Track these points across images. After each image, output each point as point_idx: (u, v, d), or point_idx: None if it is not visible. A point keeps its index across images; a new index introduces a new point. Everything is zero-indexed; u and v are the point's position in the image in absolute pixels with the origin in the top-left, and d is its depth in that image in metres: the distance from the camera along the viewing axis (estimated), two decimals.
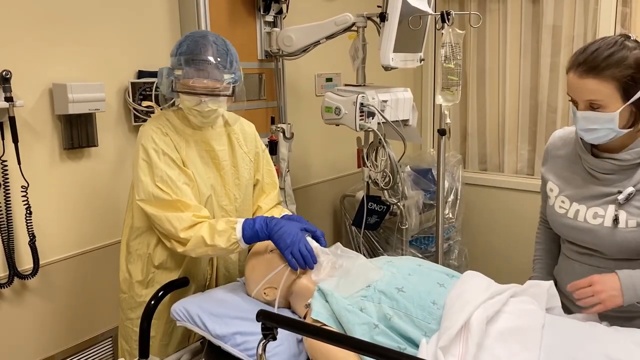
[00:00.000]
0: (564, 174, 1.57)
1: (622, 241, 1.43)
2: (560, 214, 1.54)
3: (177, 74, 1.61)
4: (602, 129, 1.38)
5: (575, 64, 1.40)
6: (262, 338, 1.12)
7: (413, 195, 2.88)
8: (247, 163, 1.84)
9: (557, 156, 1.61)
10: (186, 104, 1.64)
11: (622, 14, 3.01)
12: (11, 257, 1.87)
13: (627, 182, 1.43)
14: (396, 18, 2.16)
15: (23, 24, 1.86)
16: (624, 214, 1.42)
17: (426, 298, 1.35)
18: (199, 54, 1.60)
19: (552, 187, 1.59)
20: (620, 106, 1.34)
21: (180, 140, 1.69)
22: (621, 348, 1.25)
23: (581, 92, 1.38)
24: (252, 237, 1.60)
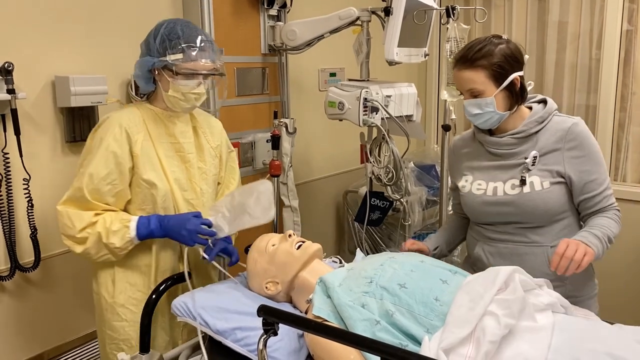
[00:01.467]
0: (473, 165, 1.77)
1: (542, 203, 1.62)
2: (479, 194, 1.71)
3: (175, 59, 1.60)
4: (484, 113, 1.62)
5: (455, 62, 1.66)
6: (263, 333, 1.12)
7: (416, 192, 2.86)
8: (213, 157, 1.84)
9: (462, 154, 1.82)
10: (183, 89, 1.64)
11: (629, 10, 2.99)
12: (13, 250, 1.87)
13: (529, 150, 1.64)
14: (401, 12, 2.14)
15: (26, 16, 1.85)
16: (537, 178, 1.63)
17: (428, 294, 1.34)
18: (196, 36, 1.64)
19: (466, 178, 1.77)
20: (494, 91, 1.60)
21: (140, 134, 1.66)
22: (625, 346, 1.24)
23: (462, 83, 1.64)
24: (147, 236, 1.63)
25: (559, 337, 1.26)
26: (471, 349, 1.20)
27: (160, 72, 1.65)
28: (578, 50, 3.15)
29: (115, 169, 1.62)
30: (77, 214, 1.61)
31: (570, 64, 3.20)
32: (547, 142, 1.64)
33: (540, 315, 1.31)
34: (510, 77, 1.60)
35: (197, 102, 1.69)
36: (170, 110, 1.72)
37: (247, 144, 2.56)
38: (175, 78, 1.62)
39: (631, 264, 3.01)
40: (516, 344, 1.23)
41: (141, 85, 1.71)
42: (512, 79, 1.60)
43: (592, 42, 3.11)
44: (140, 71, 1.67)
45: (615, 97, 3.07)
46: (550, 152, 1.63)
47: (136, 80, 1.70)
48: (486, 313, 1.25)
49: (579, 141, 1.62)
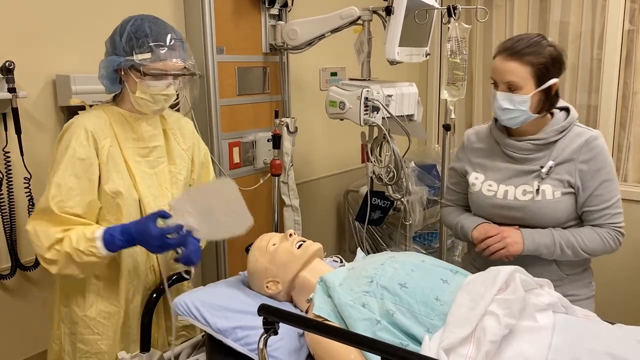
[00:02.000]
0: (485, 163, 1.76)
1: (551, 211, 1.63)
2: (489, 195, 1.71)
3: (142, 58, 1.50)
4: (515, 110, 1.60)
5: (502, 50, 1.63)
6: (263, 332, 1.12)
7: (417, 191, 2.86)
8: (185, 160, 1.75)
9: (475, 149, 1.80)
10: (152, 90, 1.54)
11: (630, 10, 2.98)
12: (14, 249, 1.87)
13: (546, 159, 1.64)
14: (402, 12, 2.14)
15: (27, 14, 1.85)
16: (549, 187, 1.63)
17: (429, 294, 1.34)
18: (165, 34, 1.54)
19: (476, 176, 1.76)
20: (532, 90, 1.58)
21: (106, 140, 1.56)
22: (625, 346, 1.24)
23: (503, 73, 1.60)
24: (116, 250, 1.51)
25: (560, 337, 1.26)
26: (472, 349, 1.20)
27: (127, 72, 1.54)
28: (579, 50, 3.15)
29: (84, 177, 1.51)
30: (44, 232, 1.48)
31: (571, 64, 3.19)
32: (563, 152, 1.64)
33: (541, 315, 1.31)
34: (551, 81, 1.59)
35: (166, 103, 1.60)
36: (138, 112, 1.62)
37: (248, 143, 2.56)
38: (143, 79, 1.53)
39: (631, 264, 3.00)
40: (516, 343, 1.23)
41: (106, 86, 1.60)
42: (552, 84, 1.60)
43: (594, 42, 3.11)
44: (105, 71, 1.56)
45: (617, 97, 3.07)
46: (565, 162, 1.63)
47: (100, 80, 1.59)
48: (487, 313, 1.25)
49: (593, 155, 1.62)
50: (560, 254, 1.63)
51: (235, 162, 2.50)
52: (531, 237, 1.63)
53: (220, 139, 2.40)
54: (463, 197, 1.87)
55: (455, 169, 1.87)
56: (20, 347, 1.97)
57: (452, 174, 1.90)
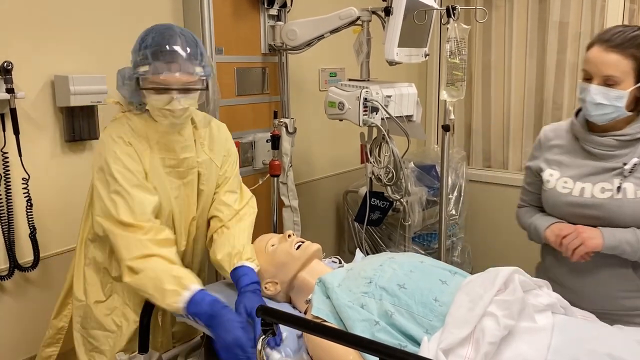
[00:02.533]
0: (562, 160, 1.65)
1: (632, 211, 1.52)
2: (565, 193, 1.61)
3: (143, 71, 1.46)
4: (610, 106, 1.49)
5: (601, 40, 1.50)
6: (261, 333, 1.12)
7: (416, 192, 2.86)
8: (213, 172, 1.71)
9: (552, 146, 1.70)
10: (155, 104, 1.49)
11: (629, 11, 2.98)
12: (12, 250, 1.87)
13: (630, 155, 1.54)
14: (401, 12, 2.14)
15: (25, 15, 1.85)
16: (631, 185, 1.52)
17: (428, 295, 1.34)
18: (167, 45, 1.47)
19: (551, 172, 1.66)
20: (632, 86, 1.47)
21: (145, 148, 1.56)
22: (624, 347, 1.24)
23: (601, 66, 1.48)
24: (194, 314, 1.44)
25: (559, 337, 1.25)
26: (470, 350, 1.20)
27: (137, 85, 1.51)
28: (579, 51, 3.14)
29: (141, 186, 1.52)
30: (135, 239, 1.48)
31: (570, 65, 3.19)
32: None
33: (540, 316, 1.31)
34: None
35: (177, 119, 1.53)
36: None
37: (247, 143, 2.55)
38: (147, 94, 1.49)
39: None
40: (515, 344, 1.22)
41: (127, 96, 1.55)
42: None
43: None
44: (119, 81, 1.55)
45: None
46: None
47: (119, 91, 1.56)
48: (485, 314, 1.24)
49: None
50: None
51: None
52: (611, 233, 1.52)
53: None
54: (538, 197, 1.76)
55: (530, 167, 1.76)
56: (18, 348, 1.96)
57: (527, 173, 1.79)
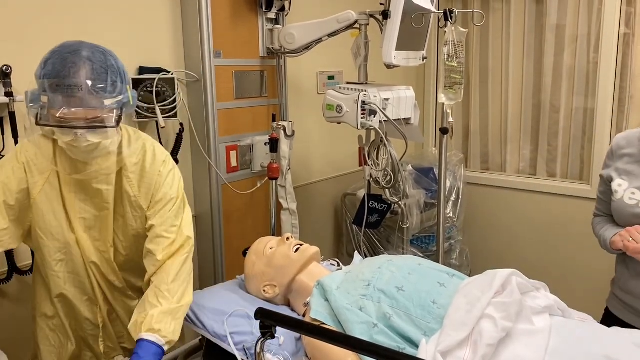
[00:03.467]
0: (632, 169, 1.65)
1: None
2: (631, 205, 1.60)
3: (43, 102, 1.26)
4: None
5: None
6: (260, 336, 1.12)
7: (414, 194, 2.87)
8: (136, 209, 1.50)
9: (623, 155, 1.69)
10: (61, 137, 1.30)
11: (626, 14, 3.00)
12: (10, 253, 1.86)
13: None
14: (399, 16, 2.15)
15: (23, 18, 1.85)
16: None
17: (426, 297, 1.34)
18: (66, 76, 1.25)
19: (620, 182, 1.66)
20: None
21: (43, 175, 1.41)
22: (621, 349, 1.24)
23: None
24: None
25: (556, 339, 1.26)
26: (468, 352, 1.20)
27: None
28: (576, 54, 3.16)
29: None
30: None
31: (568, 67, 3.20)
32: None
33: (538, 318, 1.31)
34: None
35: (89, 154, 1.34)
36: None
37: (245, 146, 2.56)
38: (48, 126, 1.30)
39: None
40: (513, 346, 1.23)
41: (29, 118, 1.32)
42: None
43: (590, 45, 3.12)
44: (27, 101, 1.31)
45: (613, 100, 3.07)
46: None
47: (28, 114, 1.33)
48: (483, 316, 1.25)
49: None
50: None
51: (232, 166, 2.50)
52: None
53: (217, 142, 2.40)
54: (610, 206, 1.73)
55: (603, 176, 1.75)
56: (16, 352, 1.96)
57: (600, 182, 1.78)
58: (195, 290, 1.71)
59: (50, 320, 1.60)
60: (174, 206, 1.50)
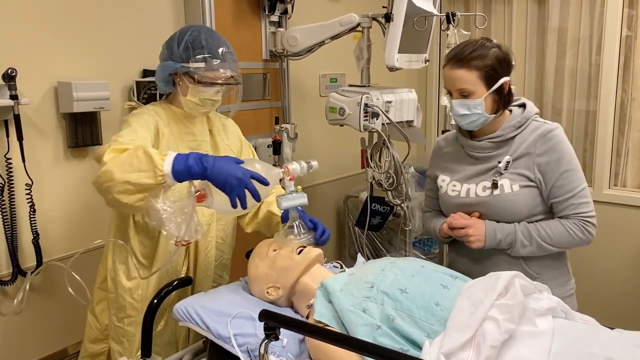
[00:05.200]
0: (451, 166, 1.81)
1: (511, 205, 1.67)
2: (453, 195, 1.77)
3: (195, 67, 1.65)
4: (472, 114, 1.64)
5: (448, 59, 1.66)
6: (264, 338, 1.12)
7: (417, 197, 2.87)
8: (230, 154, 1.84)
9: (443, 153, 1.87)
10: (202, 95, 1.68)
11: (628, 16, 3.00)
12: (15, 255, 1.88)
13: (504, 155, 1.68)
14: (401, 19, 2.16)
15: (28, 22, 1.87)
16: (507, 181, 1.67)
17: (429, 299, 1.35)
18: (218, 46, 1.69)
19: (443, 178, 1.82)
20: (484, 93, 1.62)
21: (166, 128, 1.72)
22: (624, 351, 1.24)
23: (454, 81, 1.65)
24: (183, 171, 1.38)
25: (559, 341, 1.26)
26: (472, 354, 1.20)
27: (181, 77, 1.69)
28: (578, 56, 3.16)
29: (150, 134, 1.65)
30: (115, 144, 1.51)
31: (570, 70, 3.21)
32: (520, 147, 1.68)
33: (541, 319, 1.31)
34: (501, 80, 1.63)
35: (213, 107, 1.75)
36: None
37: None
38: (195, 85, 1.67)
39: (631, 269, 3.01)
40: (516, 348, 1.23)
41: (160, 86, 1.76)
42: (502, 83, 1.63)
43: (592, 47, 3.13)
44: (162, 74, 1.72)
45: (615, 102, 3.08)
46: (522, 157, 1.67)
47: (156, 81, 1.76)
48: (487, 318, 1.25)
49: (550, 146, 1.64)
50: (521, 248, 1.66)
51: None
52: (493, 232, 1.68)
53: None
54: (438, 201, 1.90)
55: (429, 175, 1.92)
56: (20, 353, 1.97)
57: (427, 181, 1.95)
58: (198, 292, 1.72)
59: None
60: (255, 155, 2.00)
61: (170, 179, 1.38)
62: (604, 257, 2.99)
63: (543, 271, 1.72)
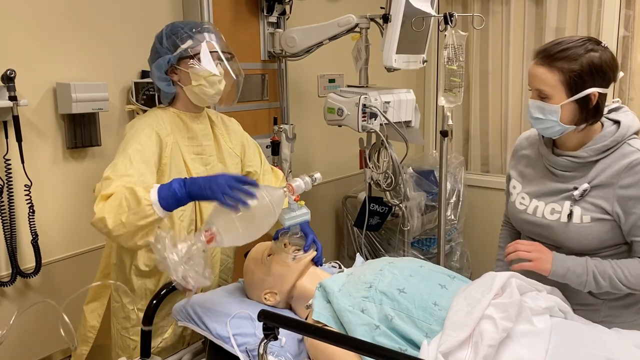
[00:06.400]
0: (527, 172, 1.65)
1: (577, 236, 1.49)
2: (521, 210, 1.62)
3: (185, 48, 1.63)
4: (546, 120, 1.46)
5: (536, 53, 1.48)
6: (263, 338, 1.13)
7: (415, 197, 2.88)
8: (233, 158, 1.84)
9: (522, 155, 1.69)
10: (203, 73, 1.64)
11: (625, 16, 3.01)
12: (14, 256, 1.88)
13: (582, 179, 1.49)
14: (399, 19, 2.16)
15: (27, 23, 1.87)
16: (578, 210, 1.49)
17: (427, 299, 1.35)
18: (197, 23, 1.69)
19: (514, 184, 1.67)
20: (563, 100, 1.42)
21: (169, 135, 1.66)
22: (623, 350, 1.25)
23: (533, 79, 1.47)
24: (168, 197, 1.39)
25: (557, 341, 1.27)
26: (469, 353, 1.21)
27: (178, 69, 1.67)
28: None
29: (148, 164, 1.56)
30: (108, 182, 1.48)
31: None
32: (602, 174, 1.47)
33: (538, 318, 1.32)
34: (587, 90, 1.41)
35: (221, 85, 1.69)
36: (192, 110, 1.74)
37: None
38: (193, 66, 1.64)
39: None
40: (514, 347, 1.24)
41: (163, 88, 1.70)
42: (589, 94, 1.41)
43: None
44: (158, 74, 1.68)
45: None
46: (602, 186, 1.46)
47: (158, 85, 1.70)
48: (484, 317, 1.26)
49: (637, 180, 1.42)
50: (594, 285, 1.46)
51: None
52: (562, 260, 1.48)
53: None
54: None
55: (507, 175, 1.75)
56: (19, 355, 1.97)
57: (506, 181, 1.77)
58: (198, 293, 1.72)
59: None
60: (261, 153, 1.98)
61: (159, 207, 1.38)
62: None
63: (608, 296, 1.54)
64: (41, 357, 2.03)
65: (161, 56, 1.66)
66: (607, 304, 1.55)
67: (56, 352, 2.06)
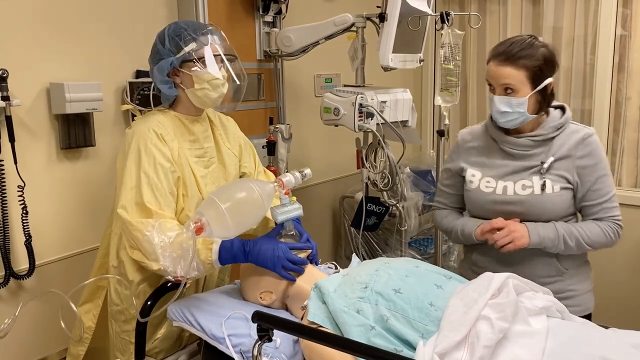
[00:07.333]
0: (481, 161, 1.78)
1: (552, 205, 1.67)
2: (488, 192, 1.74)
3: (189, 50, 1.59)
4: (513, 112, 1.64)
5: (495, 54, 1.65)
6: (257, 339, 1.12)
7: (412, 197, 2.87)
8: (232, 158, 1.84)
9: (470, 147, 1.83)
10: (206, 77, 1.61)
11: (622, 15, 3.01)
12: (7, 257, 1.86)
13: (545, 155, 1.69)
14: (395, 18, 2.15)
15: (20, 22, 1.85)
16: (549, 182, 1.67)
17: (423, 299, 1.34)
18: (201, 25, 1.67)
19: (473, 172, 1.79)
20: (529, 92, 1.62)
21: (174, 142, 1.64)
22: (618, 350, 1.24)
23: (499, 78, 1.64)
24: (228, 260, 1.53)
25: (554, 341, 1.26)
26: (466, 354, 1.20)
27: (180, 71, 1.63)
28: (572, 55, 3.17)
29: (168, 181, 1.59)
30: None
31: (564, 69, 3.21)
32: (561, 149, 1.68)
33: (535, 319, 1.31)
34: (546, 81, 1.64)
35: (224, 88, 1.67)
36: (193, 113, 1.72)
37: None
38: (196, 69, 1.61)
39: (628, 269, 3.01)
40: (510, 348, 1.23)
41: (164, 90, 1.66)
42: (547, 83, 1.64)
43: (587, 47, 3.13)
44: (160, 77, 1.64)
45: (610, 101, 3.08)
46: (563, 159, 1.68)
47: (159, 87, 1.66)
48: (480, 317, 1.25)
49: (590, 151, 1.67)
50: (563, 247, 1.66)
51: None
52: (535, 230, 1.66)
53: None
54: (457, 198, 1.88)
55: (450, 169, 1.87)
56: (13, 357, 1.95)
57: (446, 176, 1.91)
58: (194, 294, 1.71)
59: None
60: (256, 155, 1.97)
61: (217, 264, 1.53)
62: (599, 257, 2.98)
63: (571, 266, 1.74)
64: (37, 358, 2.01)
65: (163, 58, 1.62)
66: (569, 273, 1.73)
67: (52, 355, 2.05)
